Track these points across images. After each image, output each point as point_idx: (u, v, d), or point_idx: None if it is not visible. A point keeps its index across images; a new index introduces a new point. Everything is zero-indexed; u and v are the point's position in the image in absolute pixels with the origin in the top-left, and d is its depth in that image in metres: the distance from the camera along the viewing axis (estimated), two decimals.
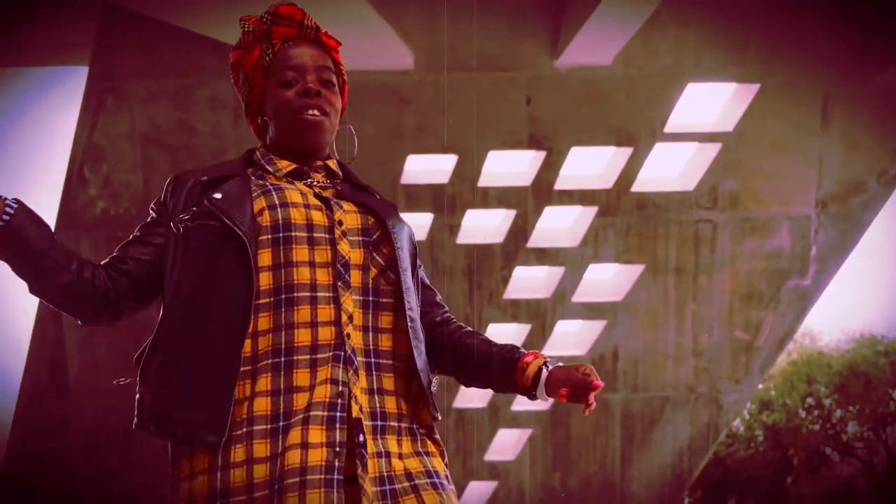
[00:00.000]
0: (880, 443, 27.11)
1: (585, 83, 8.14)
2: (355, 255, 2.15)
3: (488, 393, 8.47)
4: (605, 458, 8.93)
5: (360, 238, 2.17)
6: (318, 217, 2.15)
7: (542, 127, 8.23)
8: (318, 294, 2.11)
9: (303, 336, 2.09)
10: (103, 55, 8.11)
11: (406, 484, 2.08)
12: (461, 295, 8.79)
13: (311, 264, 2.11)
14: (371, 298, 2.15)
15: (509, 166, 8.72)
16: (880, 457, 27.45)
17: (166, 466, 2.24)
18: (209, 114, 8.14)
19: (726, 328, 8.86)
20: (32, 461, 9.53)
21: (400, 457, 2.11)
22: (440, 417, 2.22)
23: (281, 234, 2.12)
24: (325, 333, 2.09)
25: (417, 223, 8.83)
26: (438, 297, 2.39)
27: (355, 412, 2.06)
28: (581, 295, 8.62)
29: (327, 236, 2.13)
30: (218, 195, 2.13)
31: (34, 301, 8.95)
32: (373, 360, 2.13)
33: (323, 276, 2.11)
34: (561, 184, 8.48)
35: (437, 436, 2.23)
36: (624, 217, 8.58)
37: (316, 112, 2.21)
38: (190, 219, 2.14)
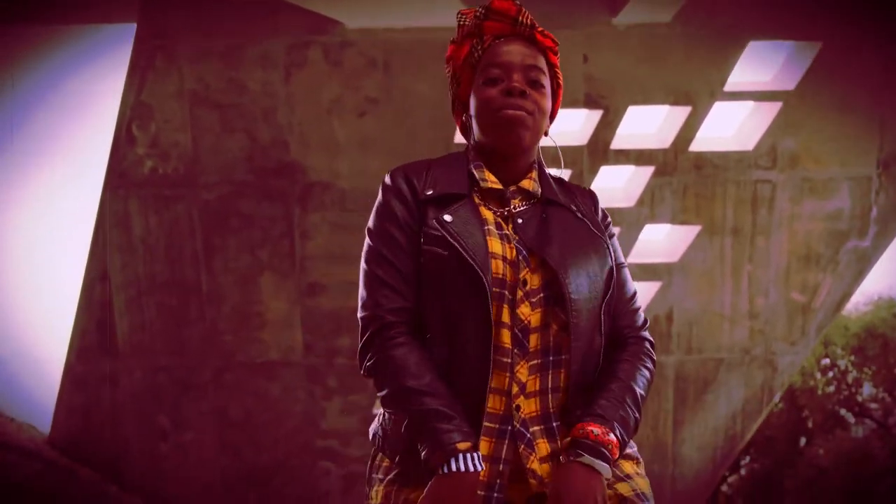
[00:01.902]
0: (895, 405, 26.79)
1: (644, 41, 7.74)
2: (535, 318, 2.01)
3: None
4: (657, 421, 8.60)
5: (542, 296, 2.02)
6: (510, 274, 2.01)
7: (598, 85, 7.84)
8: (500, 358, 1.99)
9: (493, 401, 1.98)
10: (151, 12, 7.74)
11: None
12: None
13: (497, 324, 1.98)
14: (551, 359, 2.02)
15: (565, 125, 8.33)
16: (895, 418, 27.16)
17: (215, 427, 1.94)
18: (260, 72, 7.78)
19: (783, 290, 8.51)
20: (80, 421, 9.28)
21: None
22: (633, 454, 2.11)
23: (499, 290, 1.98)
24: (495, 402, 1.98)
25: None
26: (628, 295, 2.16)
27: (533, 486, 1.94)
28: (636, 256, 8.26)
29: (510, 295, 2.00)
30: (448, 217, 2.01)
31: (82, 259, 8.62)
32: (553, 424, 2.00)
33: (506, 339, 1.98)
34: (617, 143, 8.11)
35: (634, 456, 2.13)
36: (681, 177, 8.20)
37: (516, 109, 2.07)
38: (424, 241, 2.02)
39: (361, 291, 2.13)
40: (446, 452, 1.90)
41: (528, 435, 1.98)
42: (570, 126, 8.32)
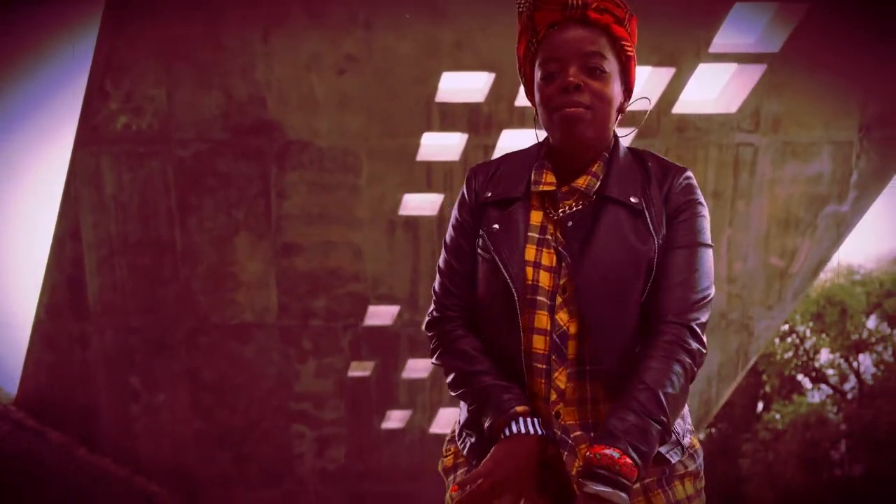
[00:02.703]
0: (851, 370, 27.07)
1: (630, 0, 7.53)
2: (574, 325, 1.99)
3: None
4: None
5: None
6: (545, 280, 2.00)
7: None
8: (535, 364, 2.00)
9: (536, 407, 2.01)
10: None
11: None
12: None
13: (531, 330, 2.00)
14: (588, 368, 1.99)
15: None
16: (851, 384, 27.43)
17: (188, 389, 1.82)
18: (238, 27, 7.50)
19: (762, 254, 8.42)
20: (49, 382, 9.03)
21: None
22: (676, 459, 2.04)
23: (532, 297, 2.01)
24: (536, 407, 2.00)
25: (451, 143, 8.28)
26: (675, 280, 2.00)
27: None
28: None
29: (549, 302, 2.00)
30: (496, 226, 2.03)
31: (52, 218, 8.34)
32: (592, 434, 1.97)
33: (540, 345, 1.99)
34: None
35: (681, 467, 2.06)
36: (664, 139, 8.06)
37: (573, 107, 1.98)
38: (480, 245, 2.06)
39: (435, 289, 2.19)
40: (508, 416, 1.95)
41: (570, 441, 1.97)
42: None
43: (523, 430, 1.93)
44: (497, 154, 8.19)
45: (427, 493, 9.91)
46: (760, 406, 28.18)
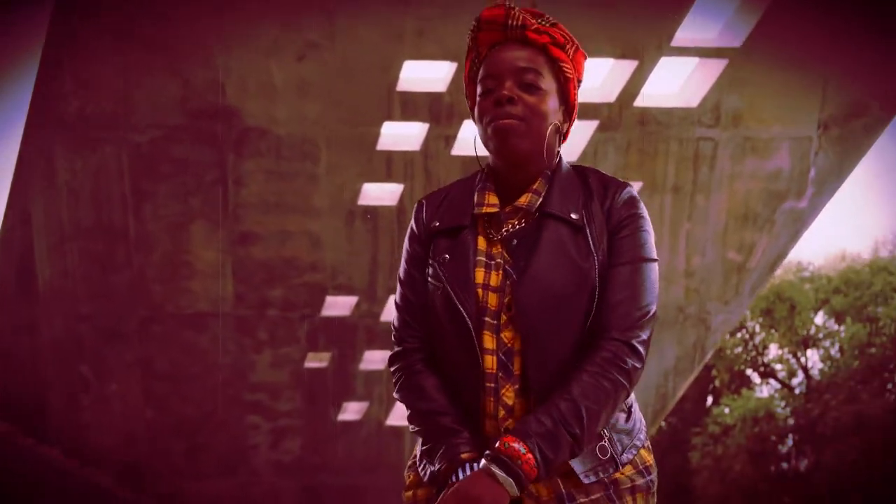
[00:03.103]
0: (799, 366, 27.35)
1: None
2: (518, 342, 2.01)
3: None
4: None
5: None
6: (492, 301, 2.03)
7: None
8: (485, 384, 2.03)
9: (486, 425, 2.05)
10: None
11: None
12: None
13: (480, 350, 2.02)
14: (532, 384, 2.01)
15: None
16: (799, 379, 27.72)
17: (140, 379, 1.72)
18: (195, 8, 7.32)
19: (720, 249, 8.40)
20: None
21: None
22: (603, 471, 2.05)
23: (482, 318, 2.03)
24: (488, 427, 2.04)
25: (412, 133, 8.15)
26: (616, 298, 2.02)
27: None
28: None
29: (495, 322, 2.02)
30: (447, 255, 2.06)
31: (1, 201, 8.09)
32: None
33: (489, 364, 2.02)
34: None
35: (628, 482, 2.07)
36: (625, 133, 8.00)
37: (505, 119, 2.00)
38: (431, 273, 2.08)
39: (393, 319, 2.20)
40: (454, 463, 1.98)
41: None
42: None
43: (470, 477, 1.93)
44: (458, 144, 8.09)
45: (382, 485, 9.79)
46: (710, 400, 28.40)
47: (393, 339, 2.17)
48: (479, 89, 2.05)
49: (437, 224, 2.09)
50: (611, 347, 1.99)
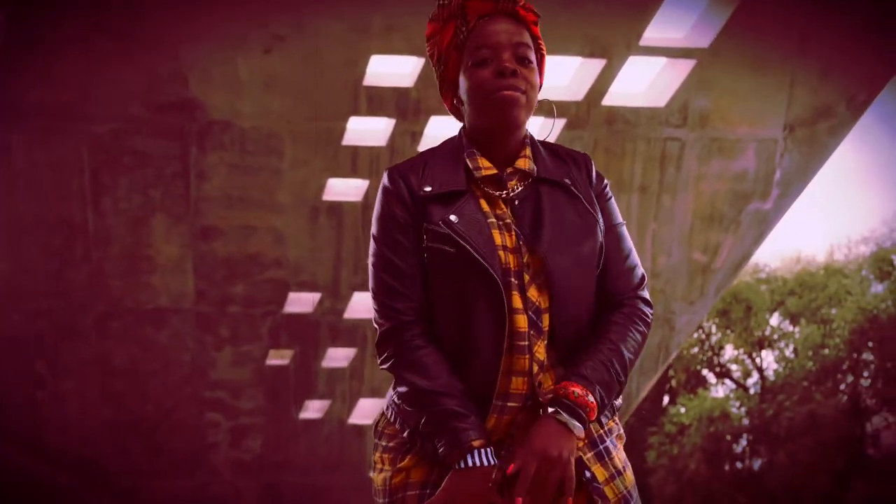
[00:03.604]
0: (754, 366, 27.50)
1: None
2: (543, 300, 2.07)
3: None
4: None
5: (544, 279, 2.07)
6: (511, 261, 2.06)
7: None
8: (517, 342, 2.05)
9: (514, 383, 2.05)
10: None
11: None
12: None
13: (511, 310, 2.04)
14: (557, 335, 2.08)
15: None
16: (753, 379, 27.88)
17: (97, 375, 1.58)
18: (160, 1, 7.11)
19: (685, 249, 8.32)
20: None
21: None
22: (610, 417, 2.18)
23: (507, 279, 2.05)
24: (518, 383, 2.05)
25: (378, 128, 7.99)
26: (623, 255, 2.19)
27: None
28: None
29: (517, 282, 2.06)
30: (454, 217, 2.05)
31: None
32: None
33: (521, 323, 2.04)
34: None
35: (616, 428, 2.20)
36: (592, 131, 7.89)
37: (510, 90, 2.05)
38: (428, 239, 2.06)
39: (376, 297, 2.12)
40: (463, 449, 1.97)
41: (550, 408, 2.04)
42: None
43: (478, 463, 1.97)
44: (425, 141, 7.94)
45: (344, 484, 9.63)
46: (666, 400, 28.50)
47: (377, 316, 2.10)
48: (469, 59, 2.08)
49: (430, 189, 2.07)
50: (631, 304, 2.15)
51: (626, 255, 2.20)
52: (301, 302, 8.66)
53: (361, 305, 8.73)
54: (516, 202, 2.10)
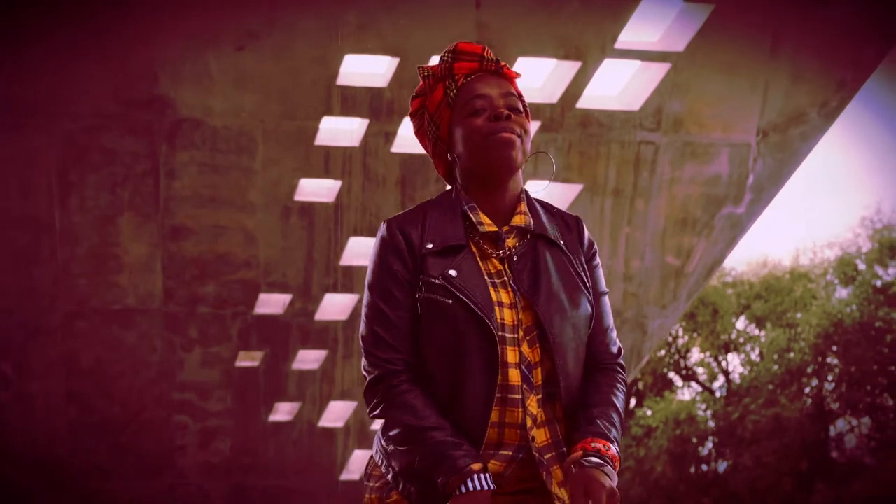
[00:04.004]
0: (720, 370, 27.57)
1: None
2: (534, 354, 2.13)
3: None
4: None
5: (536, 333, 2.14)
6: (509, 317, 2.13)
7: (490, 33, 7.32)
8: (509, 395, 2.11)
9: (489, 435, 2.11)
10: None
11: None
12: (393, 205, 7.88)
13: (504, 364, 2.10)
14: (547, 391, 2.15)
15: None
16: (719, 382, 27.96)
17: (63, 376, 1.52)
18: None
19: (658, 253, 8.24)
20: None
21: None
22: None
23: (502, 334, 2.11)
24: (511, 435, 2.11)
25: (351, 129, 7.85)
26: (606, 325, 2.29)
27: None
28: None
29: (515, 336, 2.12)
30: (453, 272, 2.11)
31: None
32: (563, 450, 2.14)
33: (515, 377, 2.11)
34: None
35: None
36: (566, 134, 7.79)
37: (506, 132, 2.15)
38: (425, 290, 2.11)
39: (365, 346, 2.19)
40: (462, 475, 2.02)
41: (545, 462, 2.11)
42: None
43: (479, 487, 2.01)
44: (398, 141, 7.81)
45: (313, 487, 9.47)
46: (633, 402, 28.52)
47: (366, 365, 2.16)
48: (464, 111, 2.18)
49: (431, 246, 2.13)
50: (615, 371, 2.27)
51: (609, 325, 2.31)
52: (272, 303, 8.50)
53: (333, 307, 8.58)
54: (515, 258, 2.16)
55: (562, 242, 2.23)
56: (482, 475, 2.02)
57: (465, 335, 2.08)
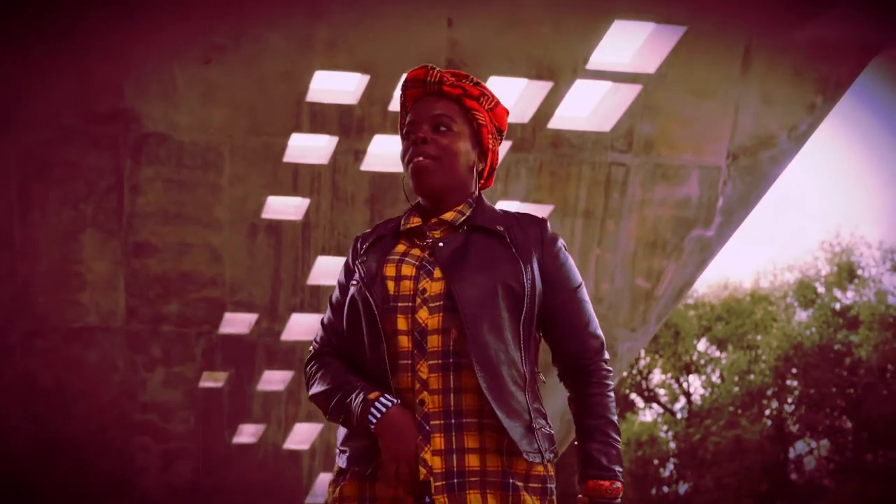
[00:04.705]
0: (682, 391, 27.52)
1: (512, 9, 7.10)
2: (432, 321, 2.16)
3: None
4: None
5: (442, 303, 2.16)
6: (406, 286, 2.19)
7: (462, 52, 7.15)
8: (400, 361, 2.16)
9: (403, 400, 2.15)
10: None
11: None
12: (362, 224, 7.66)
13: (394, 332, 2.17)
14: (451, 360, 2.15)
15: None
16: (681, 404, 27.90)
17: (22, 395, 1.36)
18: (97, 4, 6.69)
19: (628, 275, 8.08)
20: None
21: None
22: (544, 461, 2.18)
23: (393, 304, 2.19)
24: (406, 402, 2.14)
25: (320, 146, 7.64)
26: (582, 321, 2.30)
27: (422, 475, 2.09)
28: None
29: (409, 304, 2.18)
30: (365, 259, 2.26)
31: None
32: (453, 420, 2.13)
33: (405, 343, 2.16)
34: None
35: (545, 484, 2.19)
36: (538, 154, 7.63)
37: (420, 158, 2.23)
38: (355, 279, 2.27)
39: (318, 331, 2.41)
40: (365, 407, 2.11)
41: (427, 428, 2.12)
42: None
43: (383, 409, 2.10)
44: (367, 159, 7.61)
45: None
46: None
47: (312, 350, 2.36)
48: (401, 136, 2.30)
49: (366, 246, 2.29)
50: (597, 368, 2.29)
51: (587, 319, 2.32)
52: (237, 322, 8.24)
53: (299, 327, 8.33)
54: (440, 244, 2.22)
55: (500, 228, 2.24)
56: (382, 398, 2.11)
57: (357, 310, 2.20)
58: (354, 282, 2.23)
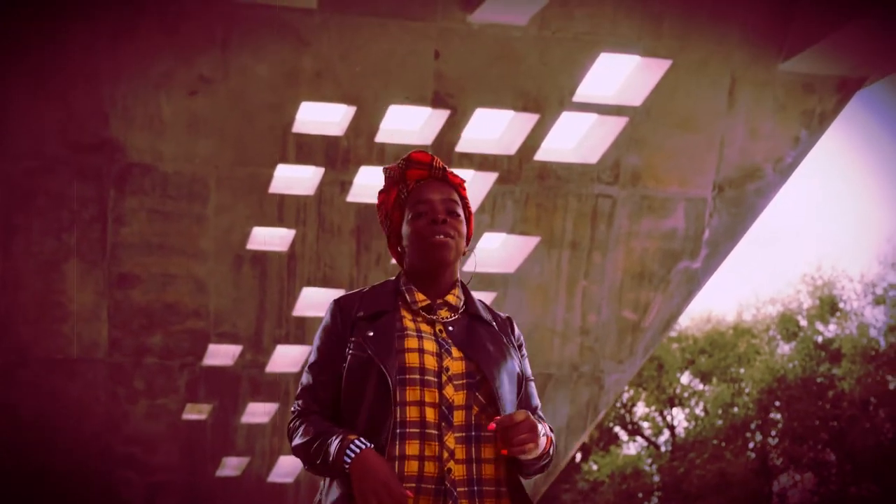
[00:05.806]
0: (666, 424, 27.35)
1: (498, 42, 7.04)
2: (458, 398, 2.34)
3: None
4: None
5: (465, 381, 2.35)
6: (431, 362, 2.35)
7: (448, 84, 7.08)
8: (427, 431, 2.31)
9: (411, 467, 2.29)
10: None
11: None
12: (348, 256, 7.54)
13: (421, 403, 2.32)
14: (473, 434, 2.33)
15: (410, 123, 7.52)
16: (665, 437, 27.72)
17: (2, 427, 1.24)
18: (83, 33, 6.60)
19: (615, 307, 7.97)
20: None
21: None
22: None
23: (406, 376, 2.33)
24: (430, 467, 2.30)
25: (306, 177, 7.53)
26: (535, 405, 2.52)
27: None
28: (470, 265, 7.53)
29: (435, 380, 2.34)
30: (371, 333, 2.37)
31: None
32: (475, 487, 2.32)
33: (431, 415, 2.32)
34: (462, 146, 7.36)
35: None
36: (524, 186, 7.53)
37: (442, 235, 2.43)
38: (353, 348, 2.38)
39: (298, 392, 2.48)
40: (342, 448, 2.25)
41: (455, 494, 2.29)
42: (416, 124, 7.52)
43: (357, 451, 2.23)
44: (353, 191, 7.50)
45: None
46: (579, 456, 28.15)
47: (294, 409, 2.44)
48: (409, 214, 2.45)
49: (362, 313, 2.40)
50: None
51: (537, 404, 2.53)
52: (221, 354, 8.08)
53: (284, 359, 8.18)
54: (450, 328, 2.41)
55: (493, 324, 2.47)
56: (357, 441, 2.24)
57: (367, 380, 2.32)
58: (354, 350, 2.35)
